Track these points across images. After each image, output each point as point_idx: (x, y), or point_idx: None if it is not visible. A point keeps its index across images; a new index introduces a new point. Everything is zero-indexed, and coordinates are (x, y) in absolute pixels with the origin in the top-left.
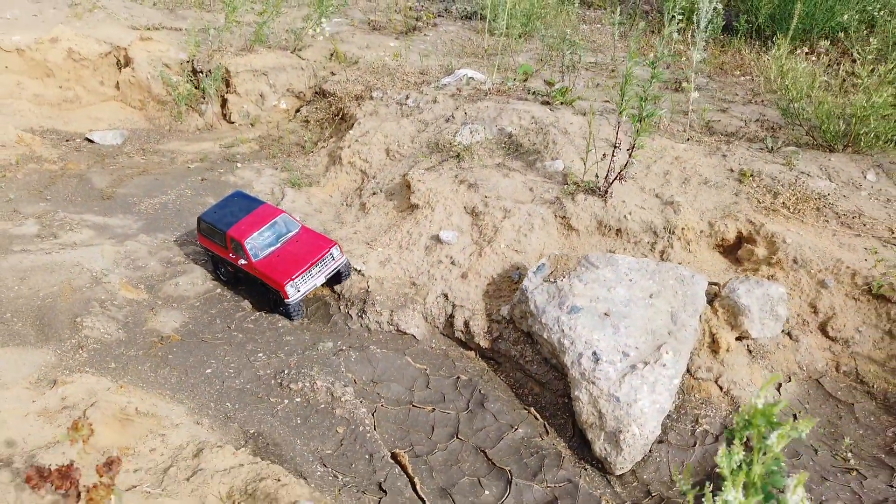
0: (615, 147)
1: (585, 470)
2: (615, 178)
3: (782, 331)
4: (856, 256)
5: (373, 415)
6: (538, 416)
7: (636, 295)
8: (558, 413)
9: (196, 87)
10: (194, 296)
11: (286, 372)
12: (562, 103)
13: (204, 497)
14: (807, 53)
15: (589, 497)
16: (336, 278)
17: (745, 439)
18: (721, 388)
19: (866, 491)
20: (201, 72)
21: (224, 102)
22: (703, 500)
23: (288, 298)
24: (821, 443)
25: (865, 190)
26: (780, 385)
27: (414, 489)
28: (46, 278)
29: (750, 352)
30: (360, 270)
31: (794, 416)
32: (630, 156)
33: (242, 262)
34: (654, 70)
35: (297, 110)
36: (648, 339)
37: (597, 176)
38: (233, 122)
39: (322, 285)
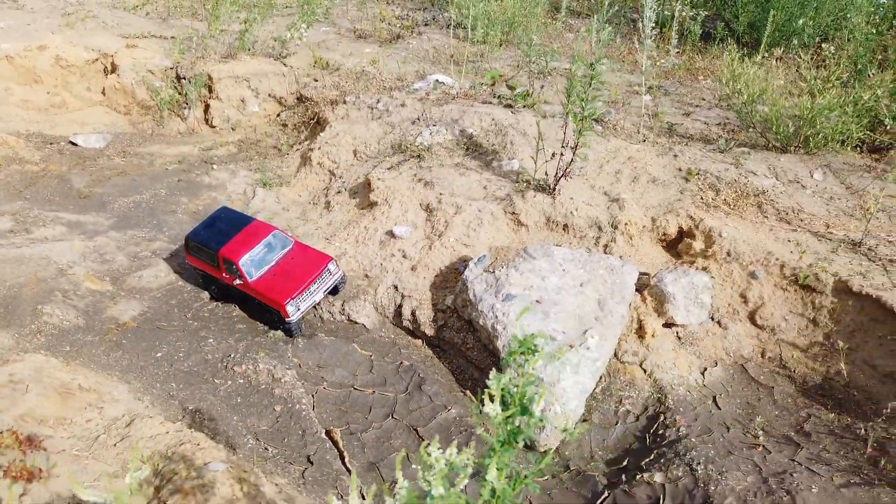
0: (563, 146)
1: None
2: (561, 176)
3: (711, 318)
4: (787, 249)
5: (312, 396)
6: (473, 397)
7: (567, 283)
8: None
9: (179, 93)
10: (157, 287)
11: (232, 356)
12: (524, 106)
13: (127, 460)
14: (777, 59)
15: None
16: (331, 291)
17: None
18: (645, 371)
19: (768, 464)
20: (185, 78)
21: (207, 108)
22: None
23: (289, 318)
24: (735, 422)
25: (810, 188)
26: (705, 369)
27: (343, 462)
28: (14, 270)
29: (679, 338)
30: None
31: (714, 399)
32: (574, 154)
33: (238, 282)
34: (594, 72)
35: (278, 115)
36: (575, 325)
37: (546, 174)
38: (214, 127)
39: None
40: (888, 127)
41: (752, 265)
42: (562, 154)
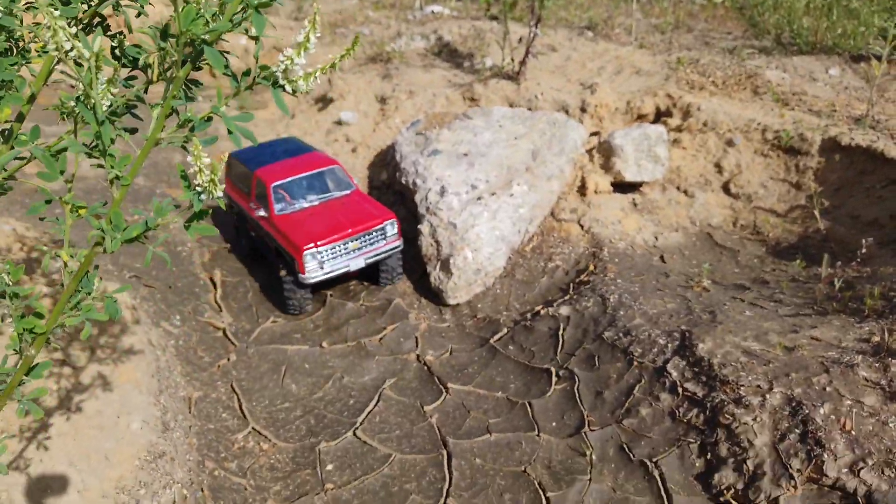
0: (530, 25)
1: (420, 302)
2: (525, 55)
3: (677, 188)
4: (771, 116)
5: (202, 253)
6: None
7: (501, 137)
8: (418, 263)
9: None
10: None
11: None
12: (513, 19)
13: None
14: None
15: (399, 309)
16: (374, 274)
17: None
18: (582, 227)
19: (701, 299)
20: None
21: None
22: None
23: (304, 273)
24: (681, 274)
25: (822, 81)
26: (661, 234)
27: (216, 300)
28: None
29: (636, 205)
30: None
31: (661, 257)
32: (536, 26)
33: (261, 213)
34: None
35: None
36: (502, 174)
37: (512, 60)
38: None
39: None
40: None
41: (730, 133)
42: (529, 33)
